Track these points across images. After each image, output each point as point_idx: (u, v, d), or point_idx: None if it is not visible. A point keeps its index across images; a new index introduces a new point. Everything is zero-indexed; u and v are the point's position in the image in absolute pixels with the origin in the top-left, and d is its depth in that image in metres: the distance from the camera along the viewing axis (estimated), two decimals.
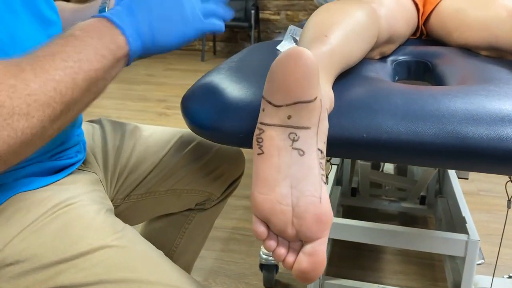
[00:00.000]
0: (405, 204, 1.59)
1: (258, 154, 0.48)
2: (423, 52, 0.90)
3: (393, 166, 1.79)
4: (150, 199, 0.85)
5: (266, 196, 0.47)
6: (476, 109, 0.56)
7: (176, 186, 0.86)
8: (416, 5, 1.00)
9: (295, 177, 0.47)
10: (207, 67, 4.46)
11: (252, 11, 4.59)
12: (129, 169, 0.81)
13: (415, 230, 1.11)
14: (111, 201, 0.79)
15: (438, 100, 0.58)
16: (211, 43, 5.27)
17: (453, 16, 0.96)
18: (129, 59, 0.54)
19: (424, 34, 1.05)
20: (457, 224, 1.23)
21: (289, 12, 4.87)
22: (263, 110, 0.49)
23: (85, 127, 0.84)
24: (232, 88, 0.65)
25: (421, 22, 1.04)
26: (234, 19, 4.75)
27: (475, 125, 0.54)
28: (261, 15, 4.96)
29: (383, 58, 0.87)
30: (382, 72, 0.78)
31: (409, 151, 0.55)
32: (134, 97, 3.33)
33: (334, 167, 1.43)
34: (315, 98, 0.47)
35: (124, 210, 0.83)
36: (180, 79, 3.93)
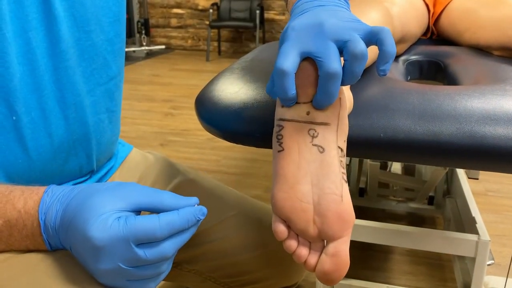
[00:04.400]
0: (413, 205, 1.59)
1: (278, 151, 0.48)
2: (435, 52, 0.90)
3: (400, 166, 1.79)
4: (172, 271, 0.76)
5: (287, 194, 0.47)
6: (493, 109, 0.56)
7: (203, 269, 0.74)
8: (427, 5, 1.00)
9: (315, 174, 0.46)
10: (212, 67, 4.46)
11: (257, 11, 4.59)
12: None
13: (424, 230, 1.11)
14: None
15: (455, 100, 0.58)
16: (216, 43, 5.28)
17: (464, 16, 0.96)
18: None
19: (434, 34, 1.05)
20: (467, 224, 1.22)
21: None
22: (282, 106, 0.48)
23: (138, 158, 0.77)
24: (247, 88, 0.65)
25: (431, 22, 1.03)
26: (239, 19, 4.77)
27: (493, 125, 0.54)
28: (266, 15, 4.96)
29: (395, 57, 0.87)
30: (395, 71, 0.78)
31: (426, 151, 0.54)
32: (140, 97, 3.34)
33: None
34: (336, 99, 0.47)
35: None
36: (185, 79, 3.94)
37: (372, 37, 0.44)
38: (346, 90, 0.56)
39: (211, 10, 4.80)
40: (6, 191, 0.46)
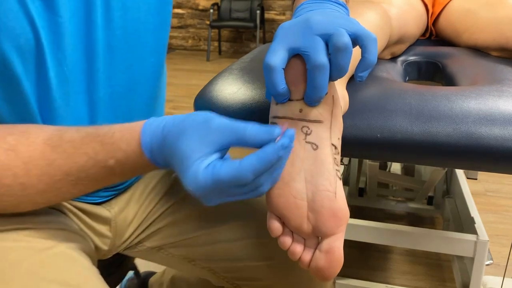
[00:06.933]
0: (412, 205, 1.59)
1: None
2: (433, 53, 0.90)
3: (400, 166, 1.79)
4: (187, 265, 0.74)
5: (281, 191, 0.47)
6: (489, 110, 0.56)
7: (217, 268, 0.73)
8: (426, 5, 1.01)
9: (309, 171, 0.47)
10: (213, 67, 4.47)
11: (258, 11, 4.60)
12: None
13: (423, 230, 1.12)
14: (125, 241, 0.71)
15: (452, 101, 0.58)
16: (216, 43, 5.28)
17: (462, 17, 0.96)
18: None
19: (433, 34, 1.06)
20: (466, 224, 1.23)
21: None
22: (276, 104, 0.49)
23: None
24: (246, 88, 0.65)
25: (430, 23, 1.04)
26: (239, 19, 4.77)
27: (489, 126, 0.54)
28: (266, 15, 4.97)
29: (394, 58, 0.87)
30: (393, 72, 0.78)
31: (423, 151, 0.55)
32: None
33: (341, 167, 1.43)
34: (326, 93, 0.48)
35: (141, 254, 0.76)
36: (186, 79, 3.94)
37: (358, 38, 0.45)
38: (341, 89, 0.56)
39: (211, 10, 4.80)
40: (109, 133, 0.49)
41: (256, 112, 0.60)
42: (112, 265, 0.84)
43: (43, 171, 0.48)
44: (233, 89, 0.66)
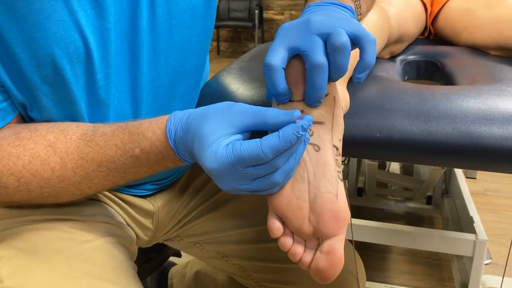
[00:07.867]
0: (411, 204, 1.59)
1: None
2: (432, 52, 0.90)
3: (399, 166, 1.79)
4: (220, 260, 0.78)
5: (284, 191, 0.47)
6: (489, 109, 0.56)
7: (248, 266, 0.76)
8: (424, 4, 1.01)
9: (311, 172, 0.47)
10: (211, 67, 4.42)
11: (256, 11, 4.60)
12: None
13: (422, 230, 1.12)
14: (167, 232, 0.74)
15: (451, 100, 0.58)
16: (215, 43, 5.29)
17: (461, 16, 0.96)
18: None
19: (432, 33, 1.06)
20: (465, 224, 1.23)
21: (293, 12, 4.88)
22: (277, 105, 0.49)
23: None
24: (245, 88, 0.65)
25: (429, 22, 1.04)
26: (238, 19, 4.77)
27: (489, 125, 0.54)
28: (265, 15, 4.97)
29: (393, 57, 0.87)
30: (392, 71, 0.78)
31: (422, 151, 0.55)
32: None
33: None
34: (327, 94, 0.48)
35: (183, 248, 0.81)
36: None
37: (357, 39, 0.45)
38: (342, 90, 0.56)
39: None
40: (137, 124, 0.51)
41: None
42: (153, 251, 0.87)
43: (77, 164, 0.51)
44: (232, 88, 0.66)
